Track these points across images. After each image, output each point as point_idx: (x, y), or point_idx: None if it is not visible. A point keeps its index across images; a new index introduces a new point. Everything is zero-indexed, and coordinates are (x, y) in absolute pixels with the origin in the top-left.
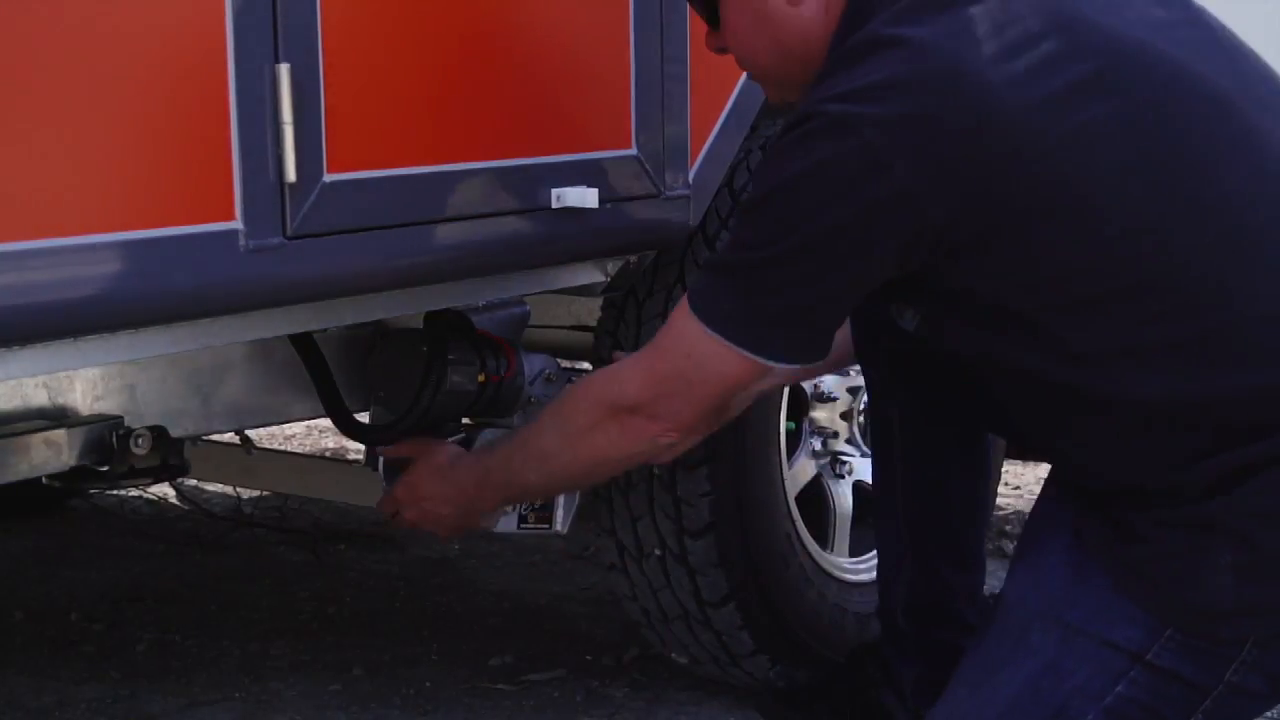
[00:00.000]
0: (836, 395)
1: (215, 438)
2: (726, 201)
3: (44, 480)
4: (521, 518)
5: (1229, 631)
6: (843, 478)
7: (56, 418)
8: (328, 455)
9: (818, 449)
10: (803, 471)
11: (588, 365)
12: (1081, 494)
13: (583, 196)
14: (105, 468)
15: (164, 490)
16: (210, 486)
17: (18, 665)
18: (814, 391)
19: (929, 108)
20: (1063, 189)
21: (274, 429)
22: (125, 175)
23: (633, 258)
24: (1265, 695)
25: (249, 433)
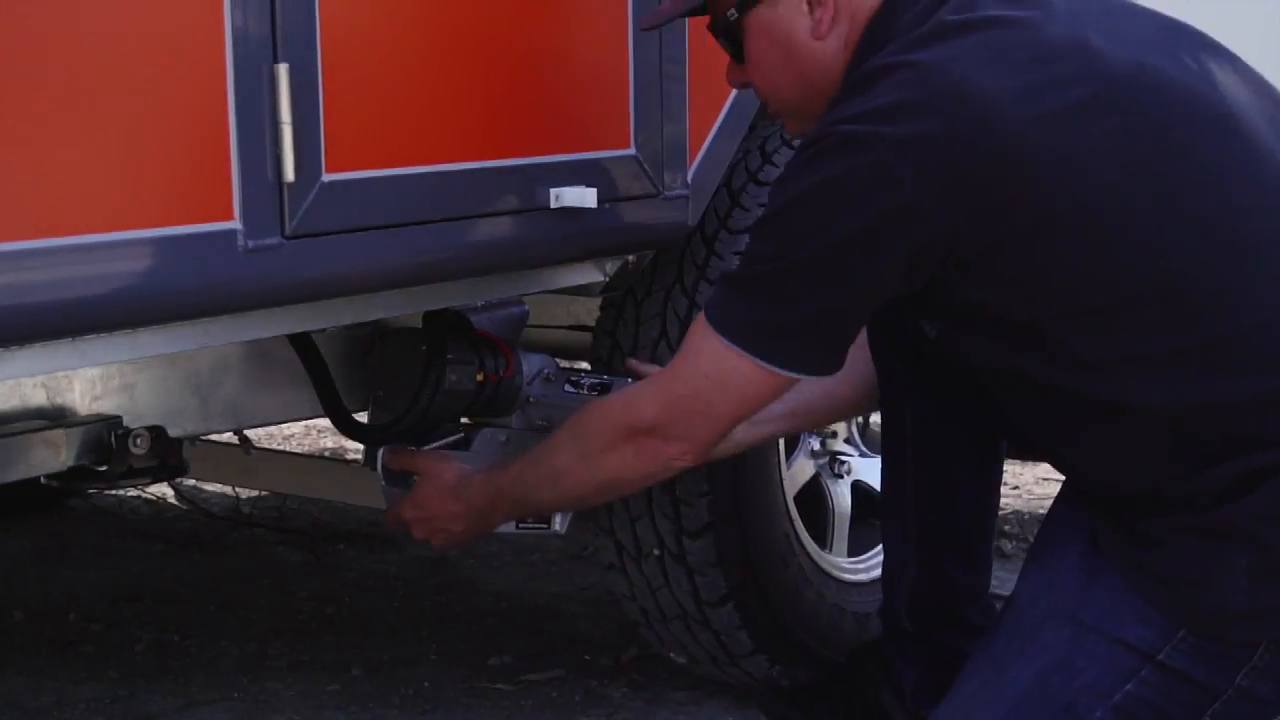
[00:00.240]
0: None
1: (214, 437)
2: (725, 201)
3: (42, 480)
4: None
5: (1241, 634)
6: (841, 477)
7: (55, 417)
8: (326, 455)
9: (816, 449)
10: (801, 471)
11: (586, 365)
12: (1097, 501)
13: (581, 196)
14: (104, 468)
15: (162, 490)
16: (209, 486)
17: (16, 665)
18: None
19: (938, 127)
20: (1067, 201)
21: (272, 429)
22: (123, 175)
23: (631, 257)
24: (1275, 702)
25: (247, 433)
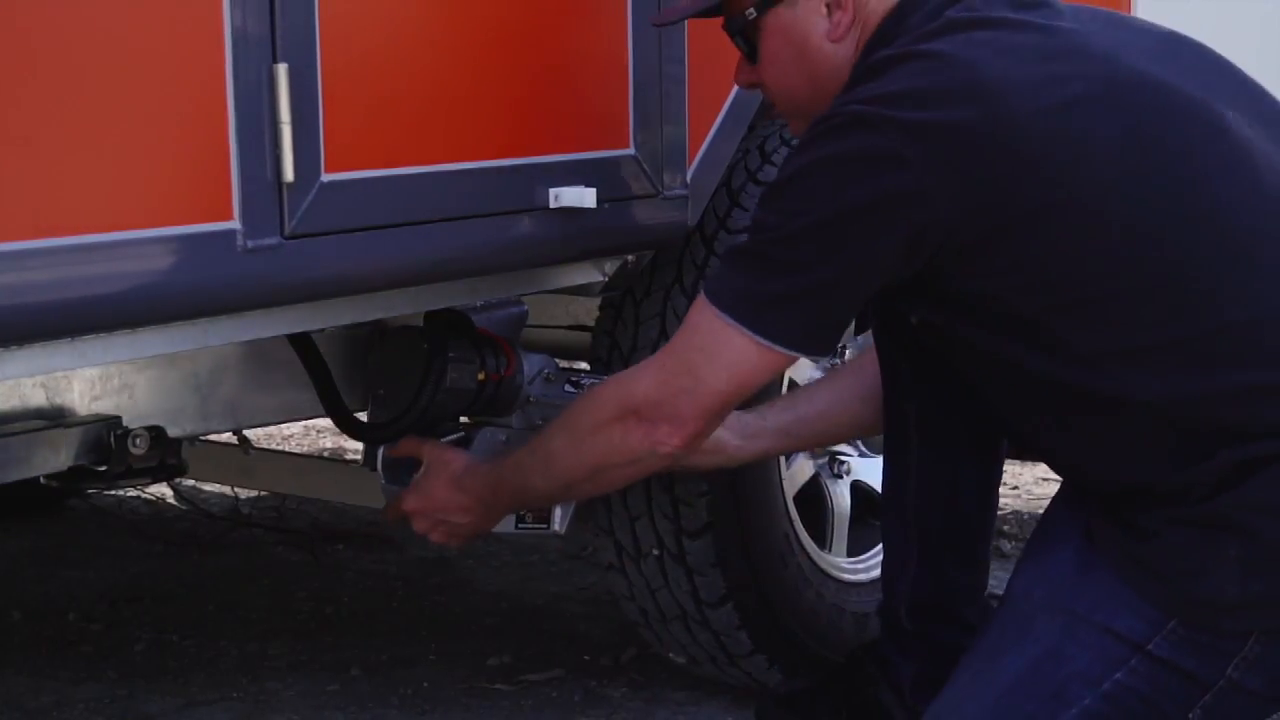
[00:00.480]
0: None
1: (213, 438)
2: (724, 201)
3: (42, 480)
4: (519, 518)
5: (1233, 624)
6: (841, 477)
7: (54, 418)
8: (326, 455)
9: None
10: (800, 471)
11: (585, 365)
12: (1094, 499)
13: (580, 196)
14: (103, 468)
15: (162, 490)
16: (208, 486)
17: (16, 665)
18: None
19: (947, 114)
20: (1067, 193)
21: (272, 429)
22: (122, 175)
23: (630, 257)
24: (1264, 696)
25: (247, 433)
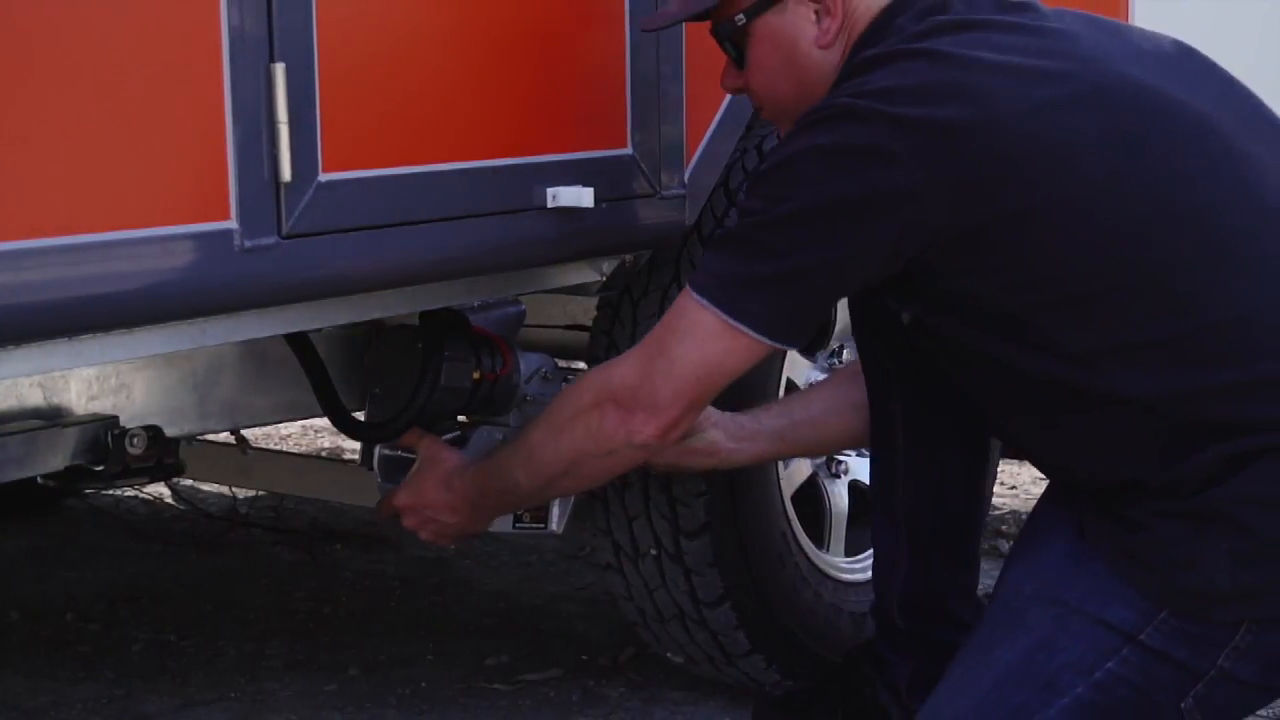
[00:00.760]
0: None
1: (210, 437)
2: (722, 201)
3: (39, 480)
4: (517, 517)
5: (1224, 615)
6: (838, 477)
7: (51, 417)
8: (323, 455)
9: None
10: (798, 471)
11: (583, 365)
12: (1084, 495)
13: (578, 196)
14: (100, 467)
15: (159, 490)
16: (206, 486)
17: (13, 665)
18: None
19: (936, 112)
20: (1053, 193)
21: (269, 429)
22: (120, 174)
23: (628, 257)
24: (1256, 686)
25: (244, 432)
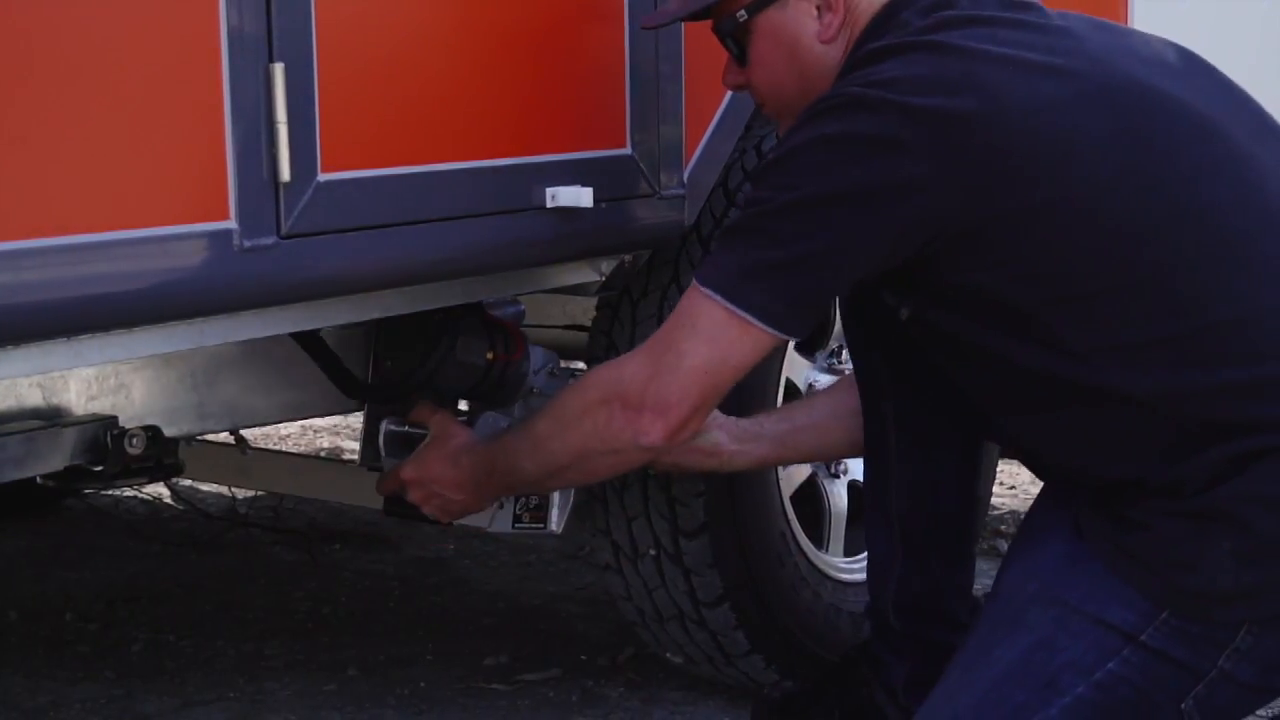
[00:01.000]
0: None
1: (210, 437)
2: (721, 201)
3: (38, 480)
4: (516, 517)
5: (1226, 615)
6: (837, 477)
7: (51, 417)
8: (323, 455)
9: None
10: (797, 471)
11: (582, 365)
12: (1082, 494)
13: (577, 196)
14: (100, 467)
15: (159, 490)
16: (205, 486)
17: (13, 665)
18: (807, 389)
19: (946, 103)
20: (1058, 190)
21: (269, 429)
22: (119, 174)
23: (627, 257)
24: (1256, 687)
25: (244, 432)
